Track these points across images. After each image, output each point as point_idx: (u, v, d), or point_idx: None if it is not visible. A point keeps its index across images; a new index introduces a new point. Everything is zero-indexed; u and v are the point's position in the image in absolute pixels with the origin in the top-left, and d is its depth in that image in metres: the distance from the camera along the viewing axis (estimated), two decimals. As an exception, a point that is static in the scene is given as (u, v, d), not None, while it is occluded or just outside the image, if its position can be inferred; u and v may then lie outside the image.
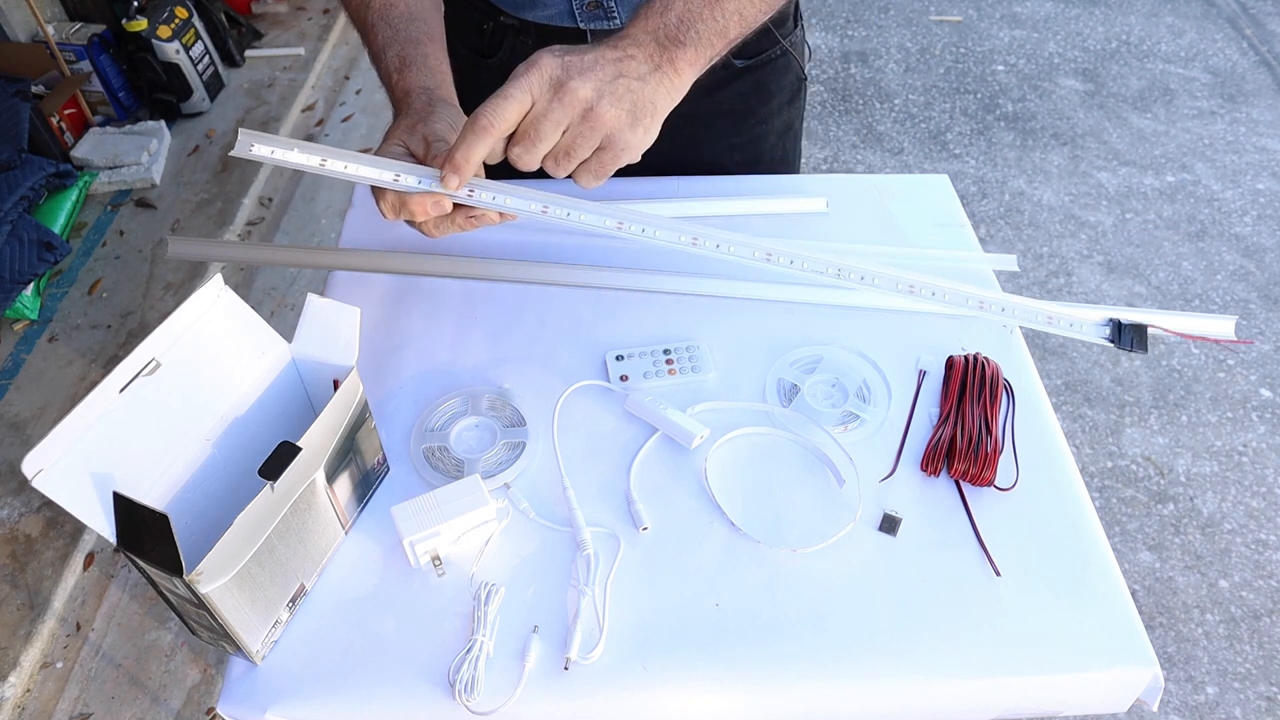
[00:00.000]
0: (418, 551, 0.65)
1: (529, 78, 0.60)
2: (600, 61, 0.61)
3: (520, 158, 0.63)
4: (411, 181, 0.66)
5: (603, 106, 0.61)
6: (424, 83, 0.73)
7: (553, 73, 0.60)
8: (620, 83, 0.61)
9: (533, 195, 0.69)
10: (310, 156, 0.66)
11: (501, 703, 0.60)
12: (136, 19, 2.52)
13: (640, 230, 0.72)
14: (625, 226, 0.71)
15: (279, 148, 0.66)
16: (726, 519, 0.69)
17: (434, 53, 0.76)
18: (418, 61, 0.74)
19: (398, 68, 0.74)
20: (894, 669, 0.62)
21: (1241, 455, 1.88)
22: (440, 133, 0.68)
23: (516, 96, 0.60)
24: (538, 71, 0.60)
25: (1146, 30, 3.24)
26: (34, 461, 0.50)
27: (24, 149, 2.18)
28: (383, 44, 0.76)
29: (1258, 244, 2.37)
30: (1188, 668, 1.56)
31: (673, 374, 0.80)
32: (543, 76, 0.60)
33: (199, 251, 0.89)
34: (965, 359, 0.79)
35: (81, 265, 2.25)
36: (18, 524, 1.70)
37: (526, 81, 0.60)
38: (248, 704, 0.60)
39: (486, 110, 0.60)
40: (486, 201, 0.68)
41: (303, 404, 0.69)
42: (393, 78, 0.74)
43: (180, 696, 1.50)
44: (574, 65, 0.61)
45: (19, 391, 1.94)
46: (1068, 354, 2.08)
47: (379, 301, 0.86)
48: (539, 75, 0.60)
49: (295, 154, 0.66)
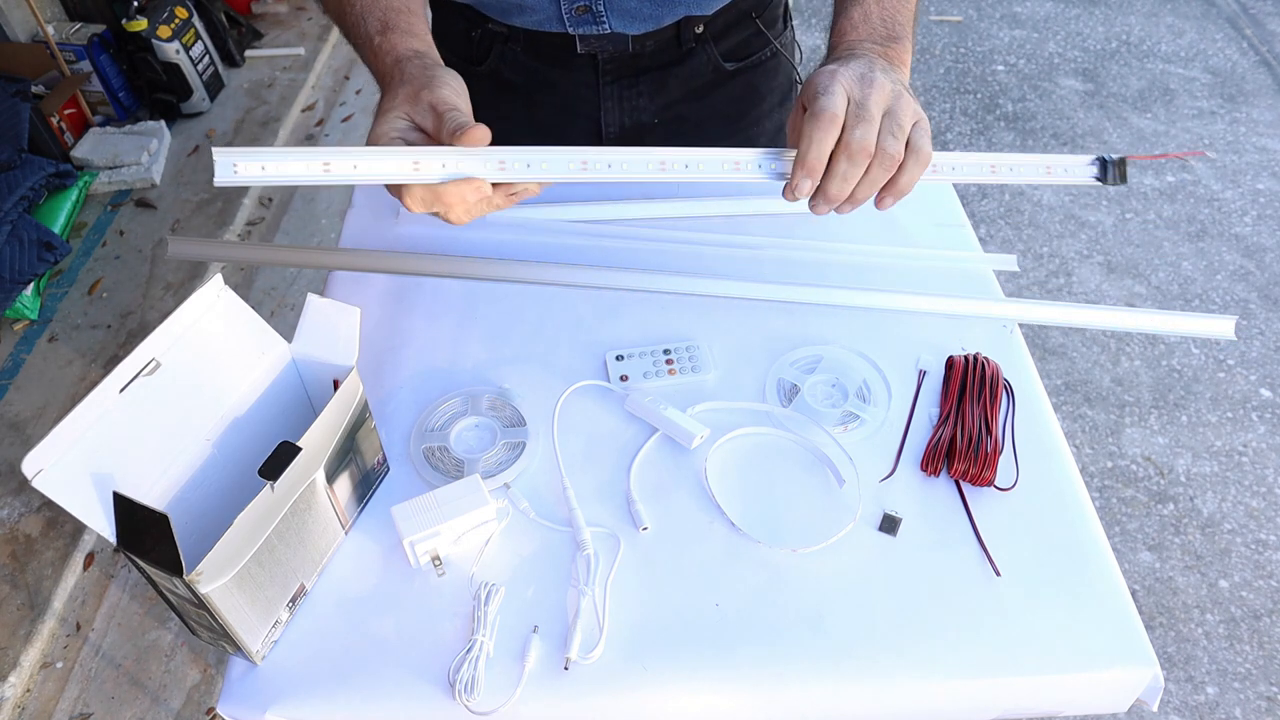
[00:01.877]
0: (418, 551, 0.65)
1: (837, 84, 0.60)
2: (873, 65, 0.62)
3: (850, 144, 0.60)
4: (435, 166, 0.58)
5: (903, 91, 0.62)
6: (414, 46, 0.66)
7: (853, 76, 0.61)
8: (892, 74, 0.63)
9: (568, 154, 0.62)
10: (309, 163, 0.57)
11: (501, 703, 0.60)
12: (136, 19, 2.52)
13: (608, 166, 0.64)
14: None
15: (270, 160, 0.56)
16: (726, 519, 0.69)
17: (418, 22, 0.70)
18: (403, 26, 0.68)
19: (380, 31, 0.67)
20: (894, 669, 0.62)
21: (1241, 455, 1.88)
22: (449, 99, 0.60)
23: (839, 95, 0.60)
24: (841, 79, 0.61)
25: (1146, 30, 3.24)
26: (34, 461, 0.50)
27: (24, 149, 2.18)
28: (361, 11, 0.69)
29: (1258, 244, 2.37)
30: (1188, 668, 1.56)
31: (673, 374, 0.80)
32: (848, 80, 0.61)
33: (199, 251, 0.89)
34: (965, 359, 0.79)
35: (81, 265, 2.25)
36: (18, 524, 1.70)
37: (837, 87, 0.60)
38: (248, 704, 0.60)
39: (821, 101, 0.59)
40: (523, 175, 0.60)
41: (303, 404, 0.69)
42: (374, 41, 0.67)
43: (180, 696, 1.50)
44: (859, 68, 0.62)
45: (19, 391, 1.94)
46: (1068, 354, 2.08)
47: (379, 301, 0.86)
48: (843, 80, 0.60)
49: (291, 163, 0.56)
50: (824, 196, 0.62)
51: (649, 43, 0.89)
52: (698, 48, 0.91)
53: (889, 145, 0.60)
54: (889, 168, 0.61)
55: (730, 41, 0.93)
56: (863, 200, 0.63)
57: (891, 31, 0.68)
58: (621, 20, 0.86)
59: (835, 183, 0.61)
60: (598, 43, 0.88)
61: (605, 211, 0.95)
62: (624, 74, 0.92)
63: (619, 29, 0.87)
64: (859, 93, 0.60)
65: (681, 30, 0.89)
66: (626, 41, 0.88)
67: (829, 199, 0.62)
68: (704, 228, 0.94)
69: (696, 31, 0.90)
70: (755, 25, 0.94)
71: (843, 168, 0.60)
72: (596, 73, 0.91)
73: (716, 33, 0.91)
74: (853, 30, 0.69)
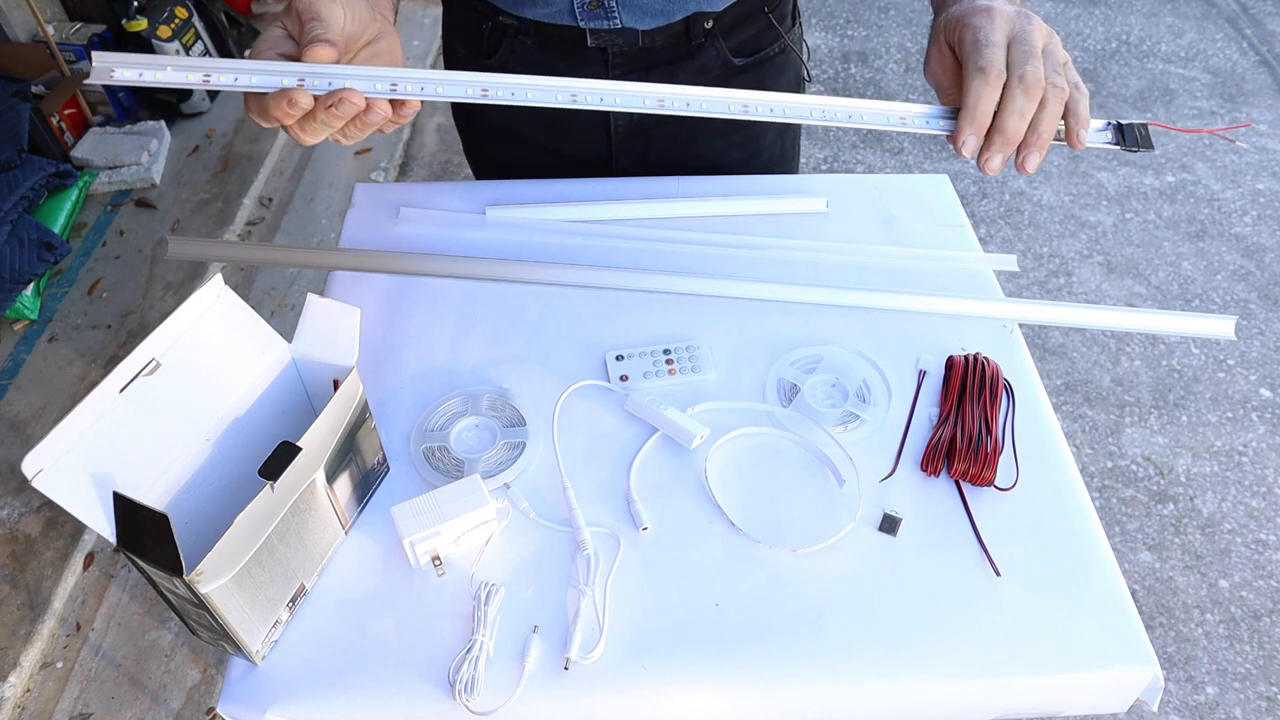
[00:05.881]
0: (418, 551, 0.65)
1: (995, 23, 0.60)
2: (1024, 9, 0.62)
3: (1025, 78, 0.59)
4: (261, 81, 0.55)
5: (1052, 45, 0.61)
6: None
7: (1011, 11, 0.61)
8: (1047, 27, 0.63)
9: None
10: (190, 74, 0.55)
11: (501, 703, 0.60)
12: (136, 19, 2.52)
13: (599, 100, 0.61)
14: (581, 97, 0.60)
15: (147, 69, 0.55)
16: (726, 519, 0.69)
17: None
18: None
19: None
20: (894, 669, 0.62)
21: (1241, 455, 1.88)
22: (312, 7, 0.56)
23: (1000, 41, 0.60)
24: (999, 16, 0.61)
25: (1146, 30, 3.24)
26: (34, 461, 0.50)
27: (24, 149, 2.18)
28: None
29: (1258, 244, 2.37)
30: (1188, 668, 1.56)
31: (673, 374, 0.80)
32: (1005, 18, 0.61)
33: (199, 251, 0.89)
34: (965, 359, 0.79)
35: (81, 265, 2.25)
36: (18, 524, 1.70)
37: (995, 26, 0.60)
38: (248, 704, 0.60)
39: (986, 55, 0.59)
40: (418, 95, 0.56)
41: (303, 404, 0.69)
42: None
43: (180, 696, 1.50)
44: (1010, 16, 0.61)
45: (19, 391, 1.94)
46: (1068, 354, 2.08)
47: (379, 301, 0.86)
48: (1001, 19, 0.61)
49: (169, 72, 0.55)
50: (1002, 137, 0.60)
51: (658, 37, 0.90)
52: (707, 43, 0.92)
53: (1056, 80, 0.59)
54: (1060, 100, 0.60)
55: (739, 37, 0.93)
56: (1048, 139, 0.61)
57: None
58: (632, 15, 0.87)
59: (1012, 119, 0.59)
60: (608, 36, 0.89)
61: (605, 211, 0.95)
62: (633, 68, 0.92)
63: (629, 24, 0.88)
64: (1019, 28, 0.60)
65: (691, 25, 0.89)
66: (636, 36, 0.89)
67: (1008, 138, 0.60)
68: (704, 228, 0.94)
69: (706, 27, 0.90)
70: (764, 20, 0.94)
71: (1019, 103, 0.59)
72: (606, 66, 0.92)
73: (726, 28, 0.91)
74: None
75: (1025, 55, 0.59)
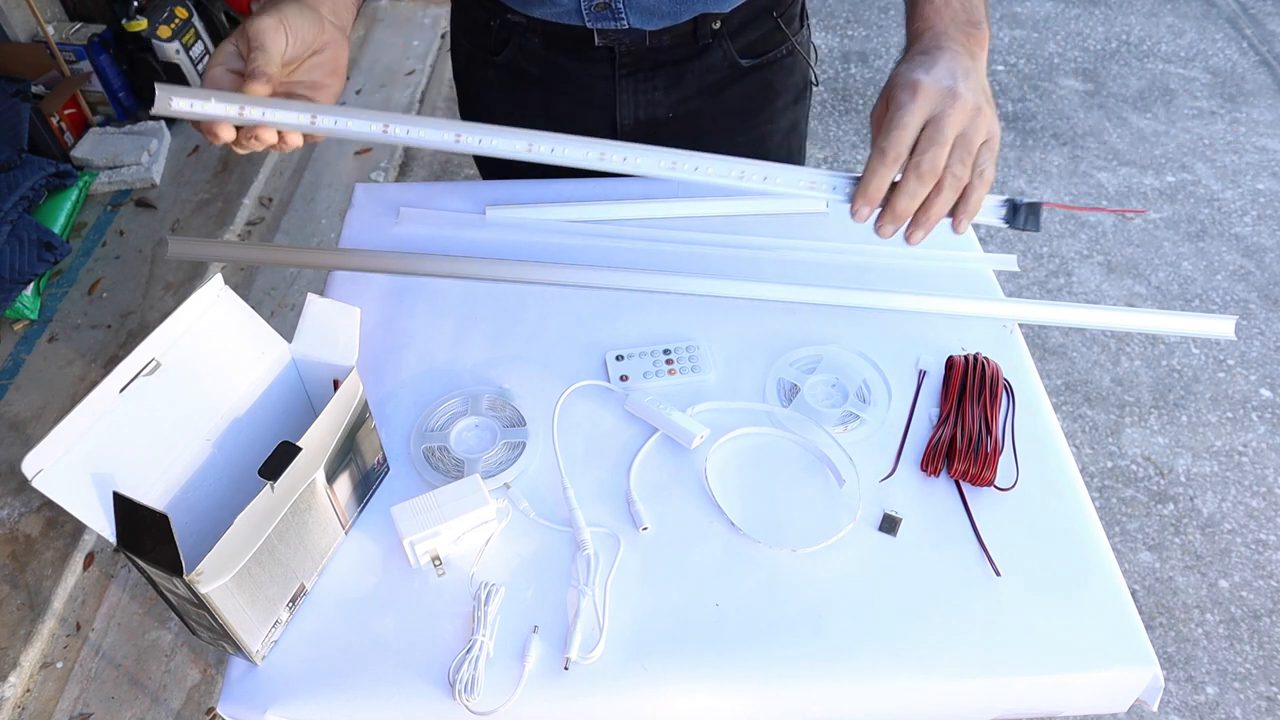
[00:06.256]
0: (418, 551, 0.65)
1: (916, 103, 0.61)
2: (956, 65, 0.63)
3: (920, 165, 0.61)
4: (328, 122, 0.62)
5: (982, 104, 0.62)
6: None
7: (935, 90, 0.62)
8: (974, 78, 0.63)
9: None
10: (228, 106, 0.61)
11: (501, 703, 0.60)
12: (136, 19, 2.52)
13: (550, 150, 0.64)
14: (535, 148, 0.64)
15: (197, 99, 0.61)
16: (726, 519, 0.69)
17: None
18: None
19: None
20: (894, 669, 0.62)
21: (1241, 455, 1.88)
22: (259, 36, 0.61)
23: (911, 123, 0.61)
24: (922, 94, 0.61)
25: (1146, 30, 3.24)
26: (34, 461, 0.50)
27: (24, 149, 2.18)
28: None
29: (1258, 244, 2.37)
30: (1188, 668, 1.56)
31: (673, 374, 0.80)
32: (928, 97, 0.61)
33: (199, 251, 0.89)
34: (965, 359, 0.79)
35: (81, 265, 2.25)
36: (18, 524, 1.70)
37: (915, 106, 0.61)
38: (248, 704, 0.60)
39: (890, 142, 0.61)
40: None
41: (303, 404, 0.69)
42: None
43: (180, 696, 1.50)
44: (944, 76, 0.62)
45: (19, 391, 1.94)
46: (1068, 354, 2.08)
47: (379, 301, 0.86)
48: (924, 97, 0.61)
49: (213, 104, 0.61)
50: (891, 213, 0.62)
51: (666, 38, 0.90)
52: (714, 43, 0.92)
53: (956, 169, 0.61)
54: (956, 189, 0.62)
55: (746, 38, 0.93)
56: (935, 221, 0.63)
57: (971, 16, 0.69)
58: (639, 16, 0.87)
59: (903, 200, 0.62)
60: (615, 36, 0.89)
61: (605, 211, 0.95)
62: (640, 68, 0.92)
63: (636, 24, 0.88)
64: (939, 107, 0.61)
65: (698, 26, 0.90)
66: (644, 36, 0.89)
67: (896, 215, 0.62)
68: (704, 228, 0.94)
69: (713, 27, 0.90)
70: (772, 22, 0.94)
71: (911, 186, 0.61)
72: (613, 66, 0.92)
73: (733, 29, 0.92)
74: (935, 16, 0.68)
75: (930, 141, 0.61)
